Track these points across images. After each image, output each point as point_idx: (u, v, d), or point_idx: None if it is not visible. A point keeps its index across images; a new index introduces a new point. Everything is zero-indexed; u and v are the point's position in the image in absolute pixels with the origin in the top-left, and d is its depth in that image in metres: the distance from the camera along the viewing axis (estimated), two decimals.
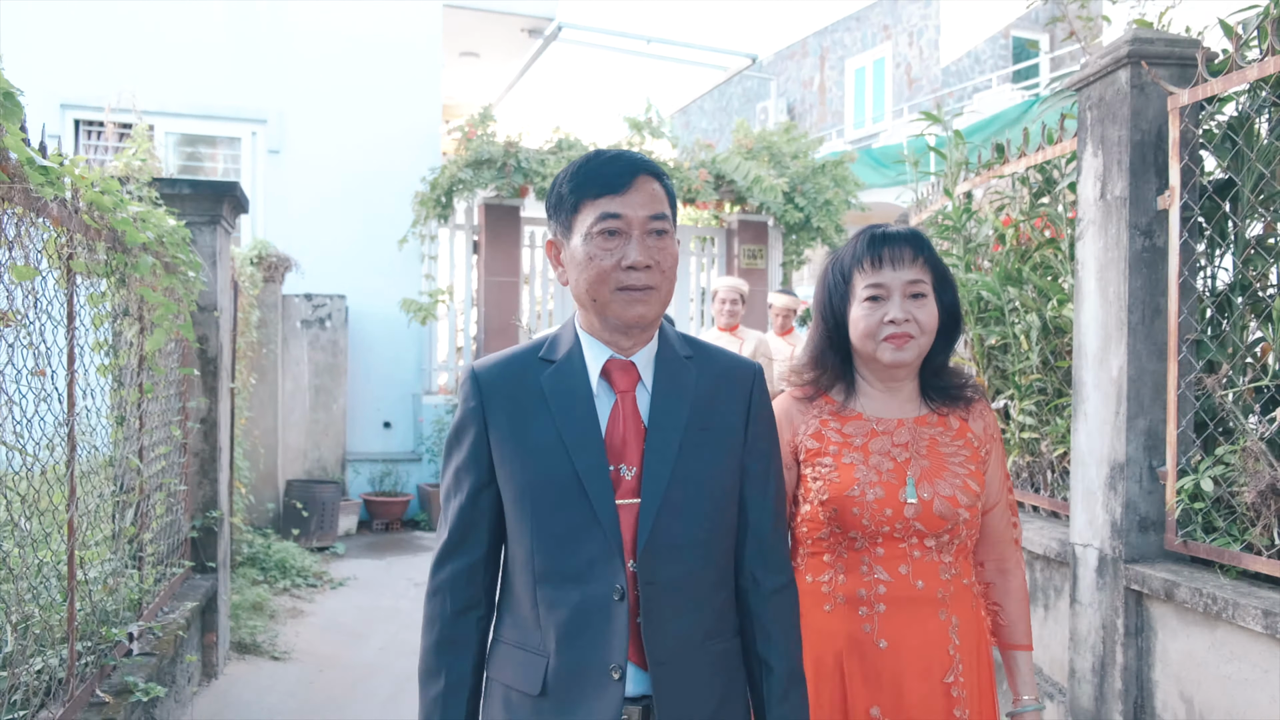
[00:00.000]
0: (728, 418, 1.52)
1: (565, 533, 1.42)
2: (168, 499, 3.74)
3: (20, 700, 2.20)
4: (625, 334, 1.47)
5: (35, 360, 2.22)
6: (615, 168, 1.43)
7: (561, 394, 1.46)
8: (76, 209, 2.36)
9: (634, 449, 1.45)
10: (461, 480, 1.48)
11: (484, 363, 1.53)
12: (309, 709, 4.01)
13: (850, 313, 1.79)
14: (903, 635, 1.71)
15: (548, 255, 1.52)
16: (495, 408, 1.47)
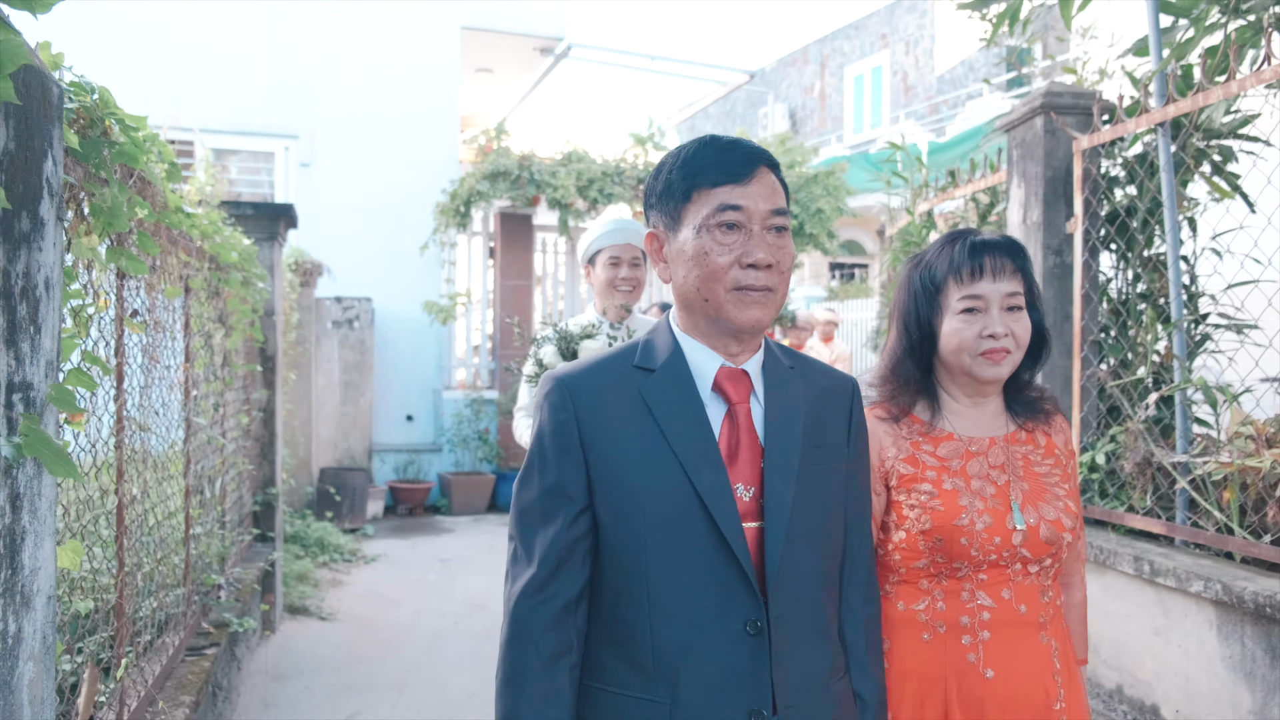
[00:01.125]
0: (834, 435, 1.41)
1: (687, 560, 1.27)
2: (238, 477, 4.39)
3: (156, 626, 2.86)
4: (736, 339, 1.33)
5: (163, 358, 2.87)
6: (736, 155, 1.30)
7: (669, 404, 1.31)
8: (193, 238, 3.01)
9: (749, 467, 1.31)
10: (553, 504, 1.30)
11: (569, 370, 1.36)
12: (354, 659, 4.65)
13: (942, 325, 1.66)
14: (1009, 663, 1.60)
15: (646, 248, 1.39)
16: (592, 419, 1.31)
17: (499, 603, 5.63)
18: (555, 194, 8.58)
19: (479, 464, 8.92)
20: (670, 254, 1.35)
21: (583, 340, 2.79)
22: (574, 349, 2.76)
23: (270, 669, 4.37)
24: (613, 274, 2.93)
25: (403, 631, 5.11)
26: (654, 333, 1.42)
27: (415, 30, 9.24)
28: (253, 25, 8.76)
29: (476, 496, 8.60)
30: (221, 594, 3.70)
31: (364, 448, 8.56)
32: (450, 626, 5.16)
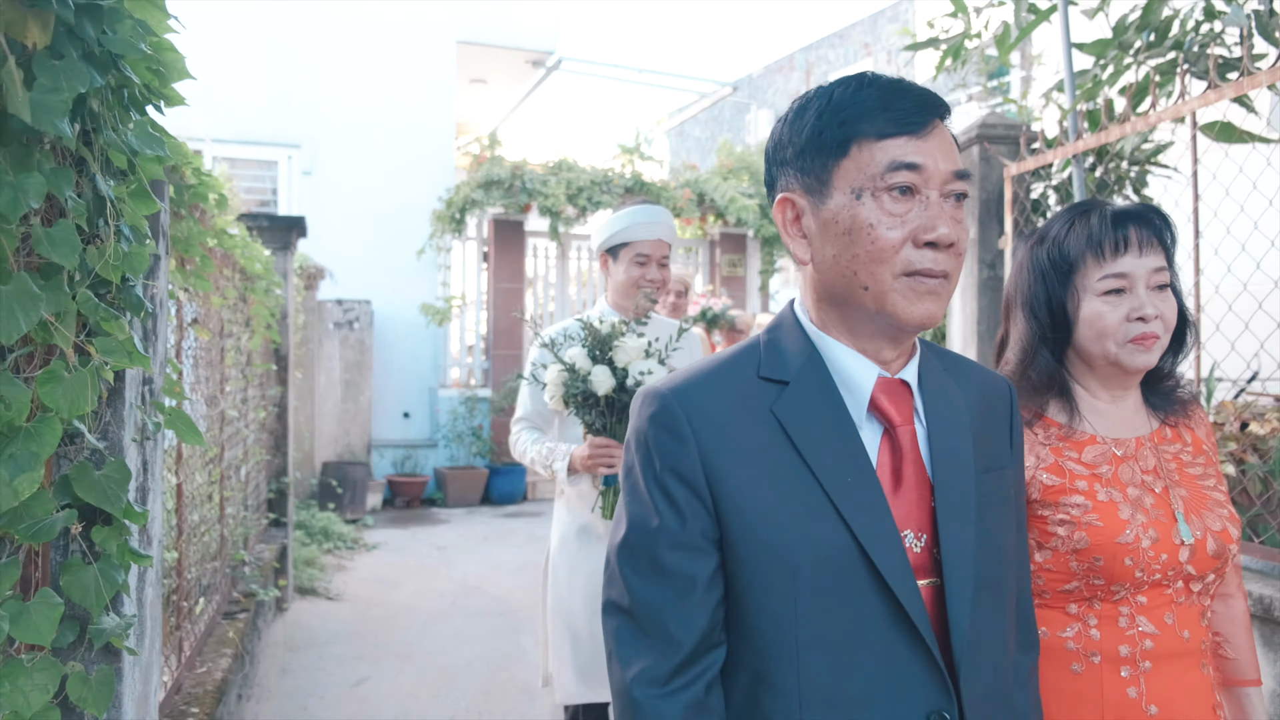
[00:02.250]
0: (999, 452, 1.15)
1: (848, 634, 0.99)
2: (257, 466, 4.82)
3: (201, 590, 3.30)
4: (895, 340, 1.05)
5: (207, 358, 3.31)
6: (909, 99, 1.00)
7: (813, 428, 1.03)
8: (232, 254, 3.45)
9: (916, 508, 1.04)
10: (680, 561, 1.02)
11: (677, 384, 1.06)
12: (361, 633, 5.08)
13: (1081, 307, 1.44)
14: (1173, 697, 1.37)
15: (776, 217, 1.07)
16: (718, 448, 1.02)
17: (493, 585, 6.10)
18: (546, 202, 9.03)
19: (473, 459, 9.36)
20: (813, 226, 1.03)
21: (617, 340, 2.42)
22: (608, 352, 2.41)
23: (285, 641, 4.80)
24: (638, 274, 2.61)
25: (404, 610, 5.54)
26: (776, 330, 1.11)
27: (413, 44, 9.66)
28: (257, 40, 9.17)
29: (470, 490, 9.03)
30: (246, 569, 4.13)
31: (364, 443, 8.98)
32: (448, 605, 5.59)
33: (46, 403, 1.11)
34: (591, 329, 2.46)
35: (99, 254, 1.19)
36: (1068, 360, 1.50)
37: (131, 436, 1.56)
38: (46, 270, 1.14)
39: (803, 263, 1.07)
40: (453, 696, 4.13)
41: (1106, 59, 3.69)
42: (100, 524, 1.40)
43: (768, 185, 1.12)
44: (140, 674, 1.67)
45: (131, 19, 1.09)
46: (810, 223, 1.05)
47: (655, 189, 9.50)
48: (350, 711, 3.93)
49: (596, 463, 2.38)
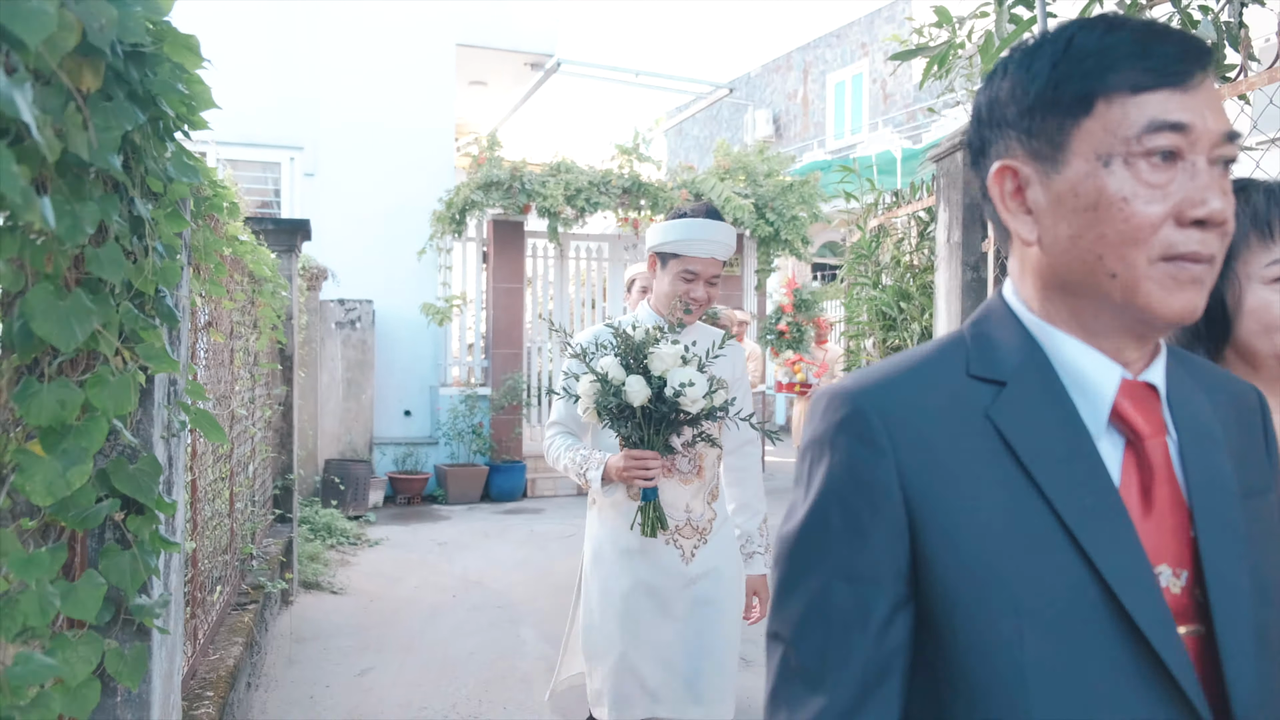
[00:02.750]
0: (1258, 471, 0.97)
1: (1088, 688, 0.80)
2: (263, 463, 4.96)
3: (212, 581, 3.43)
4: (1141, 338, 0.88)
5: (219, 358, 3.45)
6: (1170, 45, 0.82)
7: (1038, 437, 0.85)
8: (241, 258, 3.59)
9: (1173, 538, 0.86)
10: (856, 596, 0.85)
11: (868, 383, 0.90)
12: (365, 626, 5.22)
13: (1244, 298, 1.27)
14: None
15: (992, 190, 0.91)
16: (923, 463, 0.85)
17: (493, 580, 6.24)
18: (545, 203, 9.15)
19: (473, 456, 9.49)
20: (1042, 200, 0.86)
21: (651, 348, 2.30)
22: (643, 361, 2.29)
23: (292, 633, 4.94)
24: (683, 289, 2.54)
25: (407, 604, 5.68)
26: (984, 321, 0.94)
27: (413, 47, 9.79)
28: (260, 44, 9.30)
29: (471, 487, 9.17)
30: (254, 562, 4.27)
31: (365, 441, 9.12)
32: (449, 599, 5.73)
33: (94, 403, 1.24)
34: (624, 336, 2.32)
35: (138, 270, 1.33)
36: (1225, 360, 1.31)
37: (160, 434, 1.70)
38: (92, 284, 1.27)
39: (1027, 243, 0.89)
40: (454, 686, 4.26)
41: None
42: (134, 514, 1.54)
43: (975, 152, 0.95)
44: (166, 653, 1.81)
45: (169, 61, 1.22)
46: (1038, 195, 0.87)
47: (653, 189, 9.62)
48: (355, 700, 4.07)
49: (632, 475, 2.32)
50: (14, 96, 0.74)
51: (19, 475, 1.20)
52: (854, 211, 6.18)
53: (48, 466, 1.20)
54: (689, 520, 2.57)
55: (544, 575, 6.32)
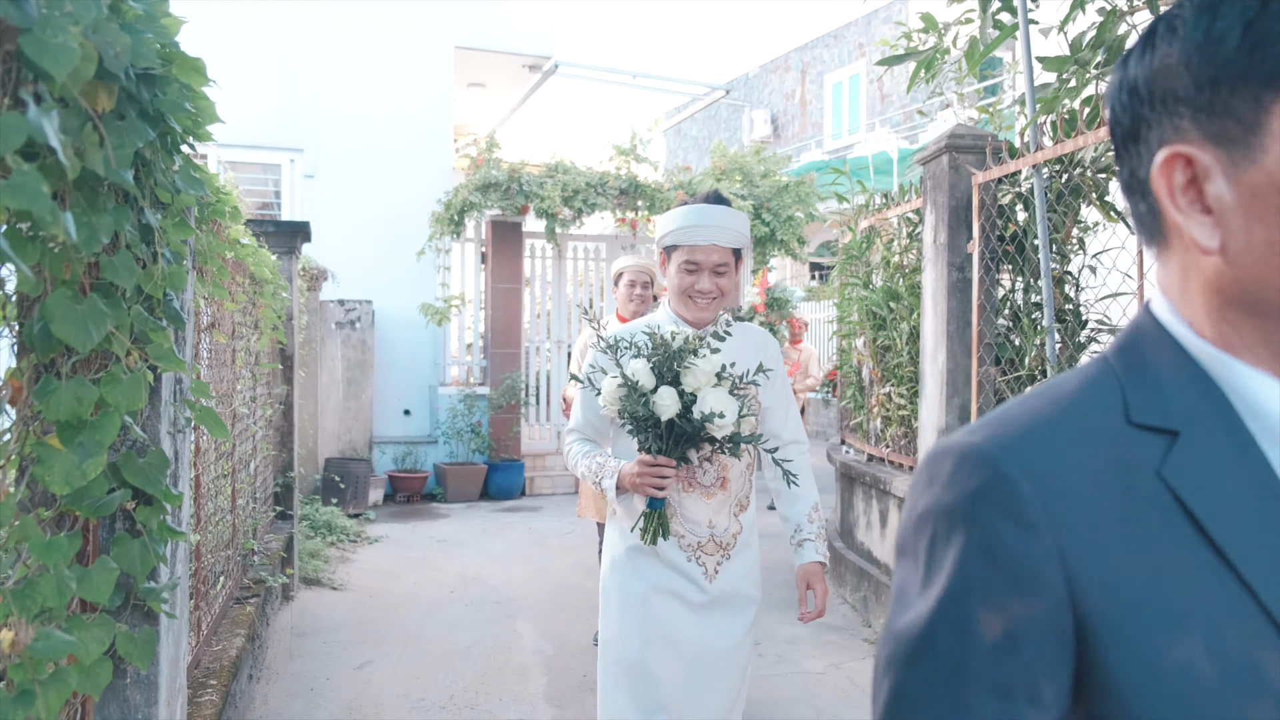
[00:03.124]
0: None
1: None
2: (264, 460, 5.06)
3: (215, 576, 3.53)
4: None
5: (220, 358, 3.54)
6: None
7: (1227, 504, 0.68)
8: (243, 261, 3.68)
9: None
10: (995, 712, 0.66)
11: (1009, 437, 0.71)
12: (364, 621, 5.32)
13: None
14: None
15: (1158, 183, 0.72)
16: (1085, 541, 0.67)
17: (490, 576, 6.34)
18: (542, 204, 9.24)
19: (472, 455, 9.59)
20: (1227, 196, 0.69)
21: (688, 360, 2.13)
22: (675, 369, 2.13)
23: (292, 627, 5.04)
24: (688, 282, 2.33)
25: (406, 599, 5.77)
26: (1135, 349, 0.76)
27: (412, 49, 9.89)
28: (260, 46, 9.40)
29: (469, 485, 9.26)
30: (256, 557, 4.37)
31: (365, 440, 9.22)
32: (447, 595, 5.83)
33: (108, 400, 1.33)
34: (660, 342, 2.15)
35: (147, 275, 1.42)
36: None
37: (167, 430, 1.79)
38: (105, 289, 1.37)
39: (1205, 251, 0.70)
40: (451, 678, 4.36)
41: (1066, 74, 3.91)
42: (143, 504, 1.63)
43: (1124, 137, 0.76)
44: (173, 639, 1.91)
45: (177, 82, 1.31)
46: (1222, 190, 0.68)
47: (649, 190, 9.72)
48: (355, 692, 4.16)
49: (645, 483, 2.22)
50: (43, 124, 0.83)
51: (38, 466, 1.29)
52: (846, 213, 6.28)
53: (65, 459, 1.30)
54: (712, 536, 2.39)
55: (541, 572, 6.42)
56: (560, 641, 4.90)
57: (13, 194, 0.83)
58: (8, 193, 0.82)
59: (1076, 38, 3.84)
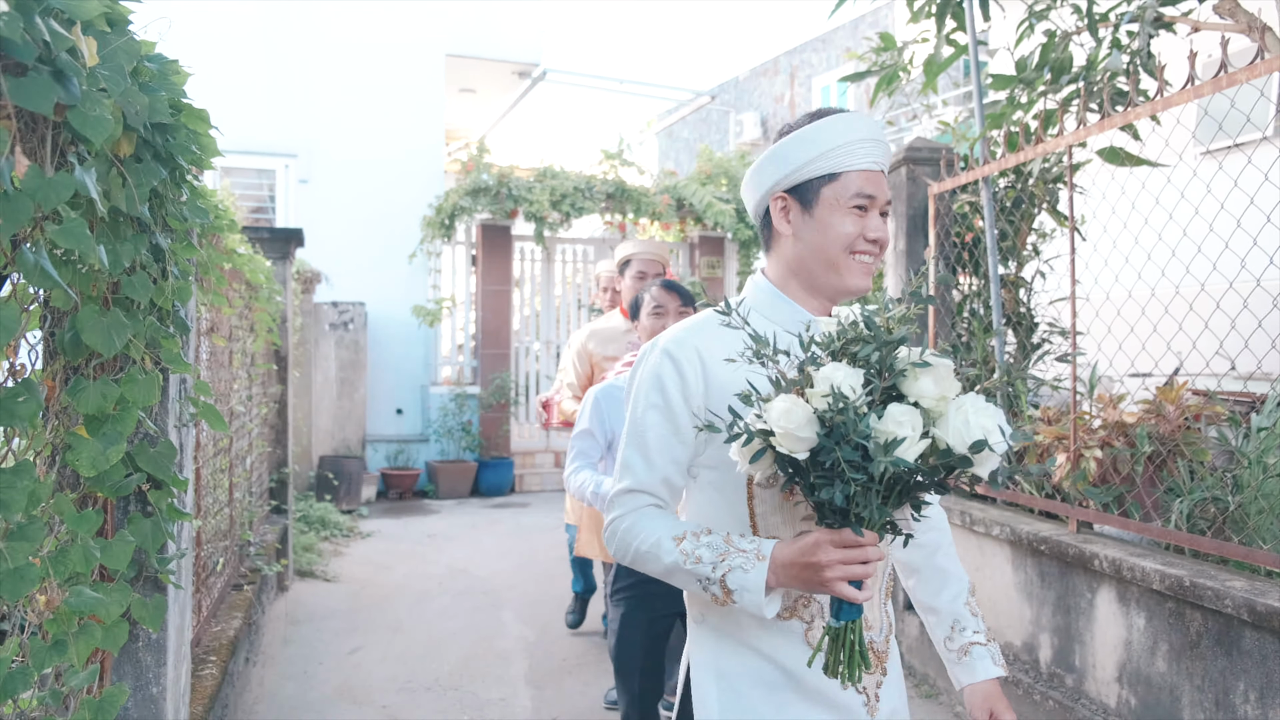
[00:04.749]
0: None
1: None
2: (260, 457, 5.30)
3: (214, 564, 3.77)
4: None
5: (218, 360, 3.78)
6: None
7: None
8: (239, 268, 3.93)
9: None
10: None
11: None
12: (356, 610, 5.56)
13: None
14: None
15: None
16: None
17: (478, 568, 6.61)
18: (531, 208, 9.50)
19: (462, 453, 9.83)
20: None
21: (910, 364, 1.28)
22: (900, 377, 1.28)
23: (287, 616, 5.28)
24: (852, 230, 1.50)
25: (396, 590, 6.02)
26: None
27: (403, 57, 10.13)
28: (255, 54, 9.63)
29: (460, 482, 9.51)
30: (252, 548, 4.61)
31: (358, 438, 9.46)
32: (436, 586, 6.07)
33: (127, 397, 1.58)
34: (873, 328, 1.29)
35: (159, 290, 1.67)
36: None
37: (174, 423, 2.04)
38: (124, 303, 1.61)
39: None
40: (437, 662, 4.60)
41: (1013, 93, 4.17)
42: (154, 488, 1.88)
43: None
44: (179, 609, 2.15)
45: (185, 128, 1.56)
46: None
47: (636, 194, 9.97)
48: (346, 675, 4.40)
49: (838, 577, 1.31)
50: (86, 180, 1.07)
51: (69, 453, 1.54)
52: None
53: (92, 446, 1.54)
54: (870, 642, 1.57)
55: (527, 564, 6.66)
56: (542, 628, 5.15)
57: (65, 237, 1.07)
58: (62, 236, 1.07)
59: (1022, 59, 4.10)
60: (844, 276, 1.53)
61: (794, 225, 1.55)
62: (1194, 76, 2.89)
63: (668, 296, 3.30)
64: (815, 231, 1.52)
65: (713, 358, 1.50)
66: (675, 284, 3.34)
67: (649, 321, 3.27)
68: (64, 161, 1.18)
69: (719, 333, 1.51)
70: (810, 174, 1.52)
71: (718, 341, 1.51)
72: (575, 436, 3.19)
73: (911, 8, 4.45)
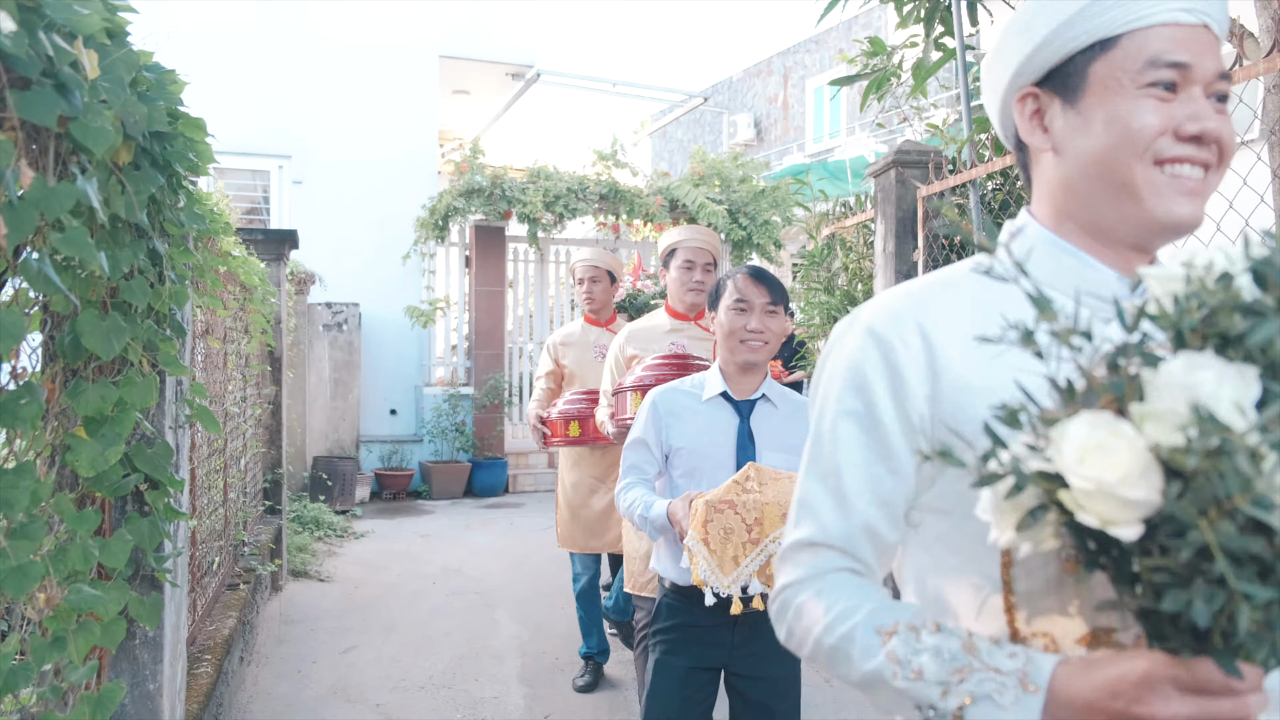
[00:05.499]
0: None
1: None
2: (254, 457, 5.32)
3: (208, 563, 3.80)
4: None
5: (213, 361, 3.81)
6: None
7: None
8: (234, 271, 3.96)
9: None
10: None
11: None
12: (350, 610, 5.59)
13: None
14: None
15: None
16: None
17: (472, 568, 6.65)
18: (524, 209, 9.53)
19: (456, 453, 9.86)
20: None
21: None
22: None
23: (281, 616, 5.31)
24: None
25: (390, 590, 6.05)
26: None
27: (397, 58, 10.16)
28: (250, 56, 9.65)
29: (454, 482, 9.54)
30: (246, 548, 4.64)
31: (352, 438, 9.48)
32: (430, 586, 6.10)
33: (125, 399, 1.62)
34: (1266, 286, 0.71)
35: (156, 294, 1.70)
36: None
37: (170, 425, 2.07)
38: (122, 307, 1.65)
39: None
40: (431, 661, 4.64)
41: None
42: (151, 488, 1.91)
43: None
44: (175, 607, 2.19)
45: (183, 136, 1.59)
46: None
47: (629, 195, 10.01)
48: (340, 673, 4.44)
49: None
50: (88, 190, 1.11)
51: (69, 453, 1.57)
52: (809, 220, 6.57)
53: (90, 447, 1.58)
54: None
55: (520, 563, 6.70)
56: (536, 627, 5.19)
57: (68, 245, 1.11)
58: (65, 244, 1.11)
59: None
60: (1146, 200, 0.94)
61: (1054, 133, 1.01)
62: None
63: (754, 289, 2.51)
64: (1086, 134, 0.97)
65: (949, 338, 0.96)
66: (765, 273, 2.57)
67: (729, 319, 2.49)
68: (66, 171, 1.22)
69: (958, 299, 1.00)
70: (1070, 44, 0.97)
71: (957, 313, 0.98)
72: (627, 447, 2.61)
73: (900, 12, 4.50)
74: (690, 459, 2.46)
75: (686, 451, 2.46)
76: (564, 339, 4.65)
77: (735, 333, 2.45)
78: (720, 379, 2.49)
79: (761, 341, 2.45)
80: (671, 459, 2.50)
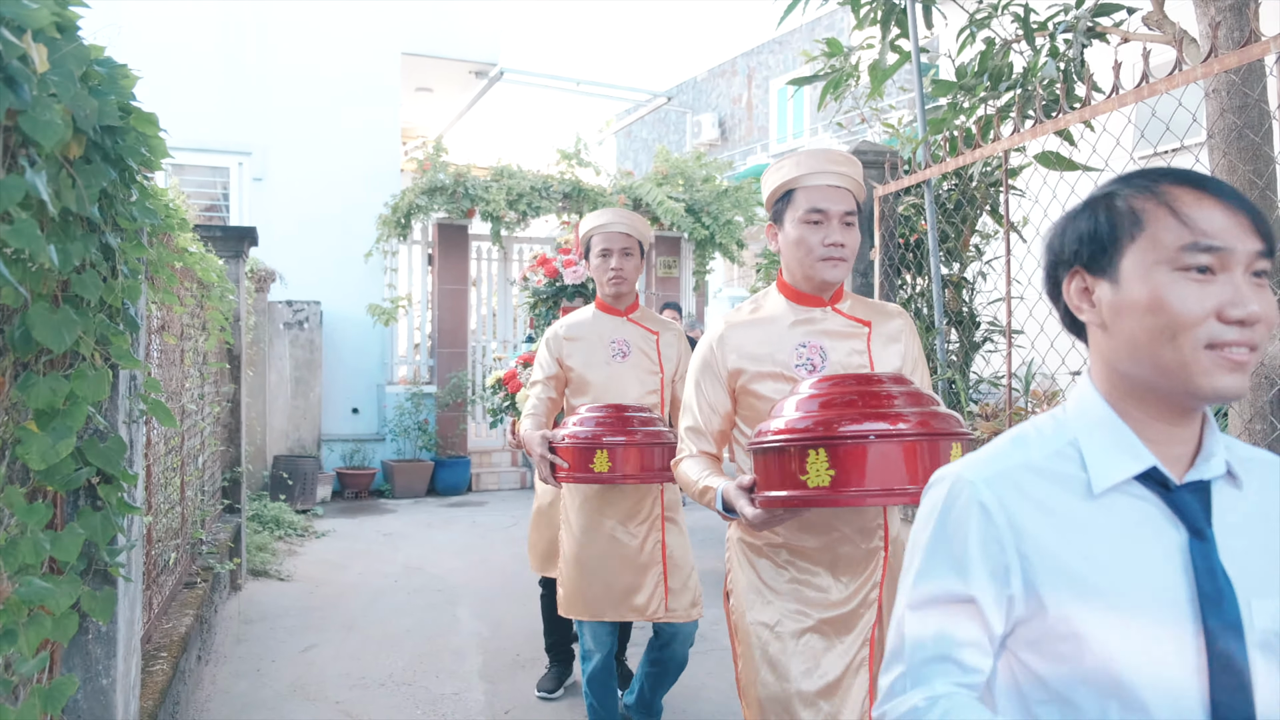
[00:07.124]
0: None
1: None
2: (212, 456, 5.28)
3: (165, 562, 3.78)
4: None
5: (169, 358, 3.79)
6: None
7: None
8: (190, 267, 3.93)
9: None
10: None
11: None
12: (310, 608, 5.56)
13: None
14: None
15: None
16: None
17: (433, 566, 6.64)
18: (487, 208, 9.52)
19: (419, 452, 9.83)
20: None
21: None
22: None
23: (240, 615, 5.27)
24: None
25: (350, 588, 6.03)
26: None
27: (359, 55, 10.09)
28: (209, 51, 9.55)
29: (417, 481, 9.51)
30: (204, 547, 4.61)
31: (314, 437, 9.42)
32: (391, 584, 6.09)
33: (76, 392, 1.62)
34: None
35: (109, 288, 1.70)
36: None
37: (123, 419, 2.07)
38: (74, 300, 1.65)
39: None
40: (391, 659, 4.63)
41: (955, 98, 4.30)
42: (104, 482, 1.91)
43: None
44: (129, 602, 2.18)
45: (135, 130, 1.60)
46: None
47: (593, 194, 10.03)
48: (299, 672, 4.42)
49: None
50: (37, 182, 1.12)
51: (19, 447, 1.57)
52: None
53: (41, 440, 1.58)
54: None
55: (482, 561, 6.70)
56: (496, 624, 5.20)
57: (16, 237, 1.12)
58: (12, 236, 1.11)
59: (963, 66, 4.22)
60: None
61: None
62: (1118, 86, 3.02)
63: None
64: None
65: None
66: None
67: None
68: (15, 164, 1.22)
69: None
70: None
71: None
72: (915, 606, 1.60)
73: (857, 14, 4.57)
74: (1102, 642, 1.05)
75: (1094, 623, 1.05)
76: (570, 331, 3.34)
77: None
78: (1122, 440, 1.07)
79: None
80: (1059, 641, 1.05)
